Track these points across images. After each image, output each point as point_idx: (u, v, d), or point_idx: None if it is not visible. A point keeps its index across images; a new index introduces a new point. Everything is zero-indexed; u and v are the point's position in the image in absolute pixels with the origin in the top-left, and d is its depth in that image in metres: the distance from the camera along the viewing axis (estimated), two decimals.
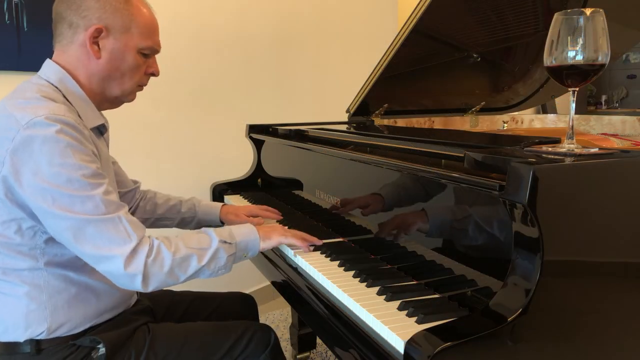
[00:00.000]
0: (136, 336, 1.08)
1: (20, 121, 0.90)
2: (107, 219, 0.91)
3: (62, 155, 0.89)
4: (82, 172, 0.91)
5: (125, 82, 1.07)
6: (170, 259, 0.96)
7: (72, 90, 1.02)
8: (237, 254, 1.08)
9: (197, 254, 1.00)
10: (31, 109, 0.91)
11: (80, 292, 1.02)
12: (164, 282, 0.96)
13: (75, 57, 1.03)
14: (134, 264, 0.92)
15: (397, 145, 1.17)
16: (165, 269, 0.95)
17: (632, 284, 0.85)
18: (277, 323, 2.46)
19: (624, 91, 5.26)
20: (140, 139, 2.12)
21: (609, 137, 1.61)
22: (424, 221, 1.00)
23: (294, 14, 2.72)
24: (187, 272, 0.99)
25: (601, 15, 0.79)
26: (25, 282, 0.98)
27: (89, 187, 0.91)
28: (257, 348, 1.13)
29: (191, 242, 1.01)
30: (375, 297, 0.92)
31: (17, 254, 0.97)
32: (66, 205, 0.89)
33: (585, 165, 0.77)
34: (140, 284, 0.93)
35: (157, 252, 0.95)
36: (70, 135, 0.91)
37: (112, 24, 1.02)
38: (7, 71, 1.70)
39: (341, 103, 1.92)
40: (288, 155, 1.64)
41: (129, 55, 1.05)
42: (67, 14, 1.01)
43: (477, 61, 1.83)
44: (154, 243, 0.96)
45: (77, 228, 0.90)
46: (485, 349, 0.69)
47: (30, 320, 0.98)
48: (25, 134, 0.89)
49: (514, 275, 0.75)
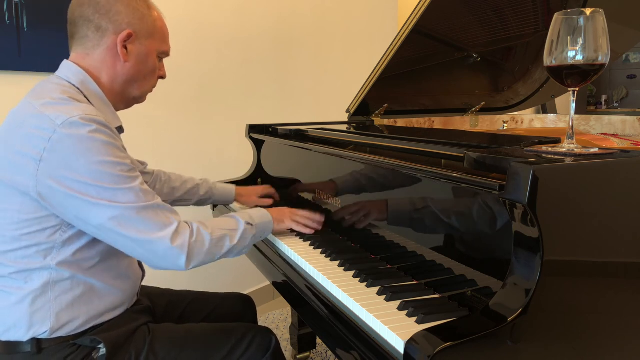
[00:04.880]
0: (136, 336, 1.08)
1: (55, 121, 0.92)
2: (148, 206, 0.97)
3: (99, 153, 0.93)
4: (121, 168, 0.95)
5: (145, 85, 1.14)
6: (209, 239, 1.04)
7: (93, 92, 1.06)
8: (257, 234, 1.18)
9: (229, 234, 1.09)
10: (64, 109, 0.94)
11: (85, 292, 1.03)
12: (203, 261, 1.04)
13: (100, 59, 1.07)
14: (179, 243, 0.99)
15: (397, 145, 1.17)
16: (206, 247, 1.03)
17: (632, 284, 0.85)
18: (277, 323, 2.46)
19: (624, 91, 5.27)
20: (140, 138, 2.12)
21: (609, 137, 1.61)
22: (426, 222, 1.00)
23: (294, 14, 2.72)
24: (222, 251, 1.07)
25: (601, 15, 0.79)
26: (34, 281, 0.98)
27: (129, 180, 0.96)
28: (257, 351, 1.14)
29: (222, 225, 1.10)
30: (376, 297, 0.92)
31: (33, 253, 0.98)
32: (110, 197, 0.94)
33: (585, 165, 0.77)
34: (184, 262, 1.00)
35: (198, 233, 1.03)
36: (105, 134, 0.95)
37: (140, 29, 1.08)
38: (7, 71, 1.70)
39: (341, 103, 1.93)
40: (288, 155, 1.64)
41: (151, 59, 1.12)
42: (95, 18, 1.04)
43: (477, 61, 1.83)
44: (194, 226, 1.04)
45: (122, 216, 0.94)
46: (485, 349, 0.69)
47: (34, 320, 0.98)
48: (63, 133, 0.91)
49: (514, 275, 0.75)
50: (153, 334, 1.10)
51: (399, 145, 1.17)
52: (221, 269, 2.34)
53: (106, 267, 1.06)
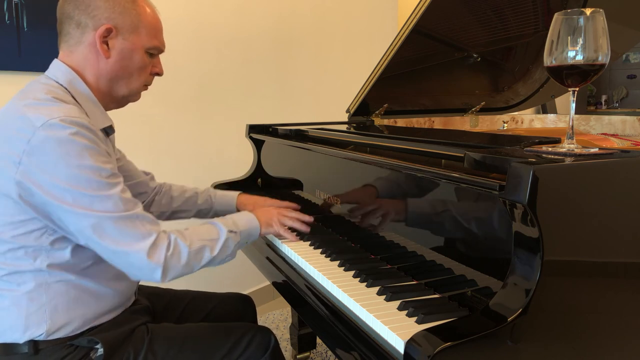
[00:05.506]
0: (135, 336, 1.08)
1: (35, 122, 0.90)
2: (126, 216, 0.94)
3: (79, 157, 0.90)
4: (100, 173, 0.92)
5: (132, 82, 1.09)
6: (187, 252, 1.01)
7: (81, 92, 1.03)
8: (241, 241, 1.15)
9: (209, 245, 1.06)
10: (45, 110, 0.91)
11: (80, 294, 1.02)
12: (181, 273, 1.01)
13: (83, 57, 1.03)
14: (156, 257, 0.96)
15: (397, 145, 1.17)
16: (183, 261, 1.00)
17: (632, 284, 0.85)
18: (277, 323, 2.46)
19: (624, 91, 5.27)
20: (140, 138, 2.12)
21: (609, 137, 1.61)
22: (427, 222, 1.00)
23: (294, 14, 2.72)
24: (201, 263, 1.05)
25: (601, 15, 0.79)
26: (27, 283, 0.97)
27: (107, 186, 0.93)
28: (256, 351, 1.13)
29: (202, 234, 1.07)
30: (376, 297, 0.92)
31: (22, 255, 0.97)
32: (86, 205, 0.91)
33: (585, 165, 0.77)
34: (160, 276, 0.97)
35: (175, 246, 1.00)
36: (85, 137, 0.92)
37: (121, 23, 1.03)
38: (7, 71, 1.70)
39: (341, 103, 1.93)
40: (288, 155, 1.64)
41: (137, 55, 1.06)
42: (75, 14, 1.01)
43: (477, 61, 1.83)
44: (171, 237, 1.00)
45: (98, 225, 0.92)
46: (485, 349, 0.69)
47: (29, 322, 0.98)
48: (42, 136, 0.89)
49: (514, 275, 0.75)
50: (152, 333, 1.10)
51: (399, 145, 1.17)
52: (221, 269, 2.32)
53: (101, 268, 1.04)
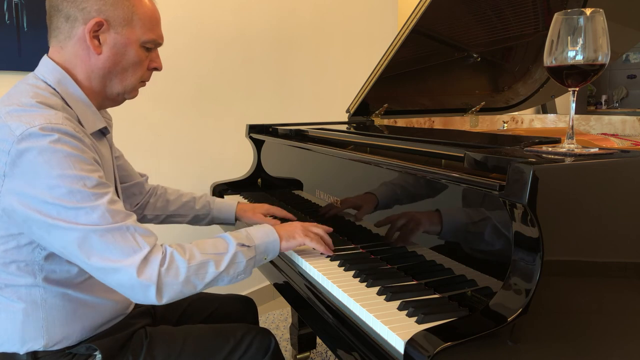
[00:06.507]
0: (134, 340, 1.07)
1: (14, 132, 0.85)
2: (114, 229, 0.86)
3: (61, 166, 0.84)
4: (84, 183, 0.85)
5: (127, 78, 1.02)
6: (186, 266, 0.90)
7: (71, 93, 0.97)
8: (257, 257, 1.02)
9: (214, 259, 0.94)
10: (26, 118, 0.86)
11: (78, 308, 0.99)
12: (180, 292, 0.90)
13: (73, 53, 0.97)
14: (147, 273, 0.86)
15: (397, 145, 1.17)
16: (181, 277, 0.89)
17: (633, 284, 0.85)
18: (277, 323, 2.46)
19: (624, 91, 5.26)
20: (140, 138, 2.12)
21: (609, 137, 1.61)
22: (427, 222, 1.00)
23: (294, 14, 2.72)
24: (205, 280, 0.93)
25: (601, 15, 0.79)
26: (22, 298, 0.95)
27: (93, 197, 0.86)
28: (257, 353, 1.11)
29: (207, 248, 0.96)
30: (376, 297, 0.92)
31: (15, 270, 0.94)
32: (71, 218, 0.84)
33: (585, 165, 0.77)
34: (155, 295, 0.87)
35: (171, 261, 0.89)
36: (68, 144, 0.86)
37: (113, 16, 0.96)
38: (7, 71, 1.70)
39: (341, 103, 1.93)
40: (288, 155, 1.64)
41: (131, 50, 1.00)
42: (64, 6, 0.95)
43: (477, 61, 1.83)
44: (167, 251, 0.90)
45: (83, 239, 0.84)
46: (485, 349, 0.69)
47: (26, 337, 0.96)
48: (21, 147, 0.84)
49: (514, 275, 0.75)
50: (151, 337, 1.08)
51: (399, 145, 1.17)
52: None
53: (97, 280, 0.94)
